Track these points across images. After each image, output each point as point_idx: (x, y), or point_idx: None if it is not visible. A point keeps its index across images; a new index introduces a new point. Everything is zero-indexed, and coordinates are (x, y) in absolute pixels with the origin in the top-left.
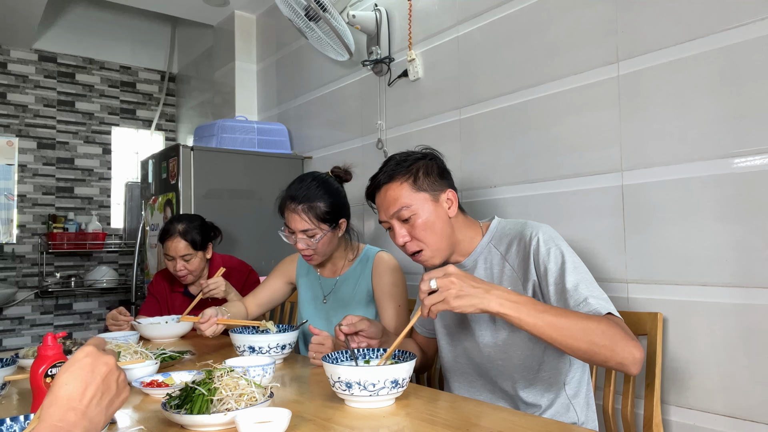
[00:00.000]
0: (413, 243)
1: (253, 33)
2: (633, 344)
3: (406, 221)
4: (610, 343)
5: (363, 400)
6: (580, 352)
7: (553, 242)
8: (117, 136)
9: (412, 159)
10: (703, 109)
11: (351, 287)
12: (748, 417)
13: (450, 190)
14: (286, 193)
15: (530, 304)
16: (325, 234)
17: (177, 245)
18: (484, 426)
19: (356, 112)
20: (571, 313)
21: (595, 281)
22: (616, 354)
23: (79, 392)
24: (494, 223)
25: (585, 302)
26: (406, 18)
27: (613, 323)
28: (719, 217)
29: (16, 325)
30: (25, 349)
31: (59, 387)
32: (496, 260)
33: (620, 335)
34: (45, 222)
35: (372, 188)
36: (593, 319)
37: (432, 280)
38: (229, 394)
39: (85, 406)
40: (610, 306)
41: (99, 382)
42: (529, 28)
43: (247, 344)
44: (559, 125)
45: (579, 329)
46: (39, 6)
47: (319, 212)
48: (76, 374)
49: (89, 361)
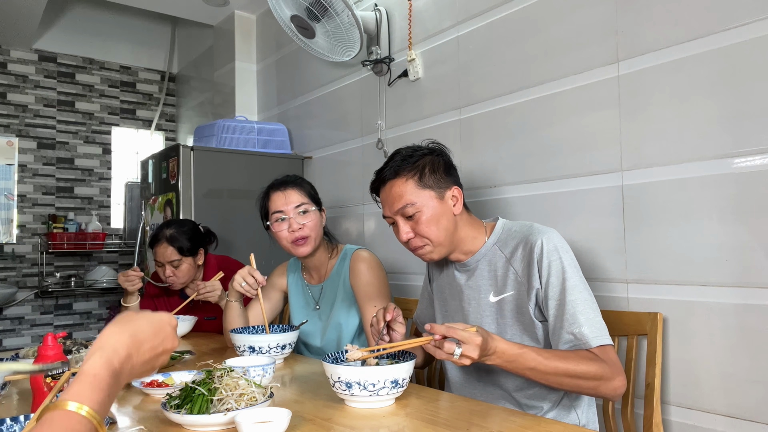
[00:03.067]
0: (417, 239)
1: (253, 33)
2: (617, 381)
3: (410, 218)
4: (594, 385)
5: (363, 400)
6: (565, 389)
7: (557, 253)
8: (117, 136)
9: (419, 155)
10: (702, 109)
11: (335, 288)
12: (748, 417)
13: (455, 187)
14: (269, 185)
15: (521, 360)
16: (315, 212)
17: (164, 251)
18: (484, 426)
19: (356, 112)
20: (560, 364)
21: (593, 300)
22: (598, 394)
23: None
24: (499, 224)
25: (579, 331)
26: (406, 18)
27: (600, 363)
28: (719, 217)
29: (16, 325)
30: (25, 349)
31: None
32: (500, 263)
33: (606, 376)
34: (45, 222)
35: (377, 183)
36: (581, 364)
37: (458, 350)
38: (229, 394)
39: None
40: (603, 336)
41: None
42: (529, 28)
43: (247, 344)
44: (559, 125)
45: (565, 379)
46: (39, 6)
47: (309, 189)
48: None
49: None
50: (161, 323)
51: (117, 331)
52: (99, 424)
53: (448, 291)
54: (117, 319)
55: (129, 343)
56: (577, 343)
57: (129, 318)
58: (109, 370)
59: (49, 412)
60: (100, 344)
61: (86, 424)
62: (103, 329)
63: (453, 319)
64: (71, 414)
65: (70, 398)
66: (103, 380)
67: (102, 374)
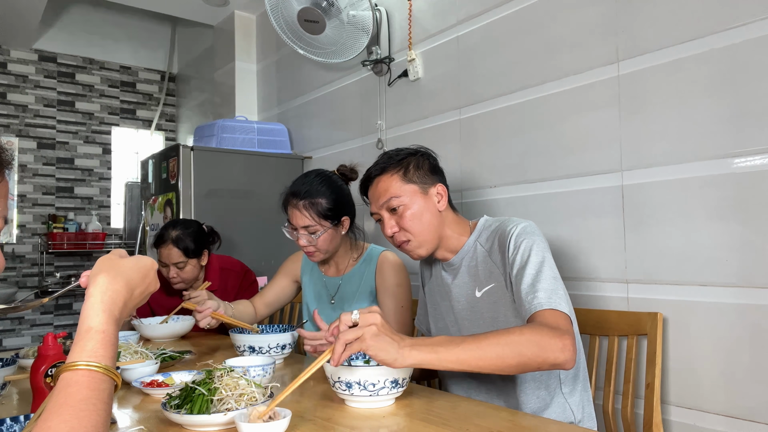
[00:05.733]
0: (401, 233)
1: (253, 33)
2: (560, 341)
3: (395, 212)
4: (537, 349)
5: (363, 400)
6: (513, 368)
7: (527, 235)
8: (117, 136)
9: (404, 153)
10: (703, 109)
11: (355, 286)
12: (748, 417)
13: (440, 184)
14: (289, 189)
15: (445, 342)
16: (326, 231)
17: (170, 253)
18: (484, 426)
19: (356, 112)
20: (490, 335)
21: (558, 278)
22: (548, 358)
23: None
24: (481, 222)
25: (534, 295)
26: (406, 18)
27: (537, 326)
28: (719, 217)
29: (16, 325)
30: (25, 349)
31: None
32: (481, 258)
33: (546, 336)
34: (45, 222)
35: (365, 182)
36: (515, 332)
37: (356, 312)
38: (229, 394)
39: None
40: (558, 302)
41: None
42: (529, 28)
43: (247, 344)
44: (559, 125)
45: (504, 348)
46: (39, 6)
47: (320, 209)
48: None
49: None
50: (146, 268)
51: (110, 280)
52: (116, 377)
53: (438, 293)
54: (104, 265)
55: (124, 292)
56: (530, 308)
57: (116, 264)
58: (114, 324)
59: (68, 372)
60: (100, 297)
61: (108, 381)
62: (94, 276)
63: (444, 320)
64: (93, 374)
65: (88, 358)
66: (111, 335)
67: (109, 330)
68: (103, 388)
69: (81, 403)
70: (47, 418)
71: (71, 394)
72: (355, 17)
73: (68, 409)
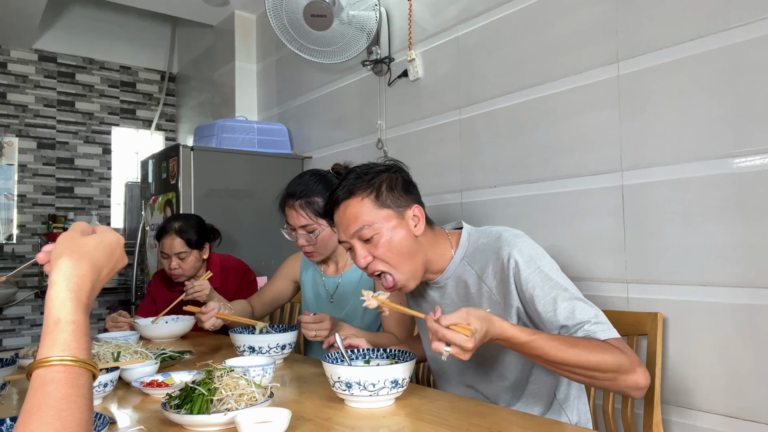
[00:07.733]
0: (376, 263)
1: (253, 33)
2: (637, 375)
3: (368, 241)
4: (611, 376)
5: (363, 400)
6: (579, 381)
7: (534, 263)
8: (117, 136)
9: (374, 172)
10: (703, 109)
11: (354, 285)
12: (748, 417)
13: (416, 206)
14: (285, 190)
15: (528, 347)
16: (324, 229)
17: (172, 242)
18: (484, 426)
19: (356, 112)
20: (570, 349)
21: (582, 296)
22: (618, 386)
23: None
24: (464, 236)
25: (581, 329)
26: (406, 18)
27: (617, 352)
28: (719, 217)
29: (16, 325)
30: (25, 349)
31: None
32: (471, 279)
33: (624, 368)
34: (45, 222)
35: (330, 205)
36: (595, 352)
37: (447, 348)
38: (229, 394)
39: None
40: (610, 328)
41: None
42: (528, 29)
43: (247, 344)
44: (559, 125)
45: (578, 368)
46: (39, 6)
47: (317, 207)
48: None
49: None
50: (112, 246)
51: (74, 264)
52: (94, 369)
53: (426, 310)
54: (65, 246)
55: (90, 275)
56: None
57: (78, 244)
58: (83, 313)
59: (41, 369)
60: (65, 285)
61: (86, 375)
62: (56, 259)
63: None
64: (70, 368)
65: (62, 352)
66: (83, 324)
67: (80, 319)
68: (82, 383)
69: (61, 402)
70: (27, 422)
71: (49, 393)
72: (355, 17)
73: (48, 410)
